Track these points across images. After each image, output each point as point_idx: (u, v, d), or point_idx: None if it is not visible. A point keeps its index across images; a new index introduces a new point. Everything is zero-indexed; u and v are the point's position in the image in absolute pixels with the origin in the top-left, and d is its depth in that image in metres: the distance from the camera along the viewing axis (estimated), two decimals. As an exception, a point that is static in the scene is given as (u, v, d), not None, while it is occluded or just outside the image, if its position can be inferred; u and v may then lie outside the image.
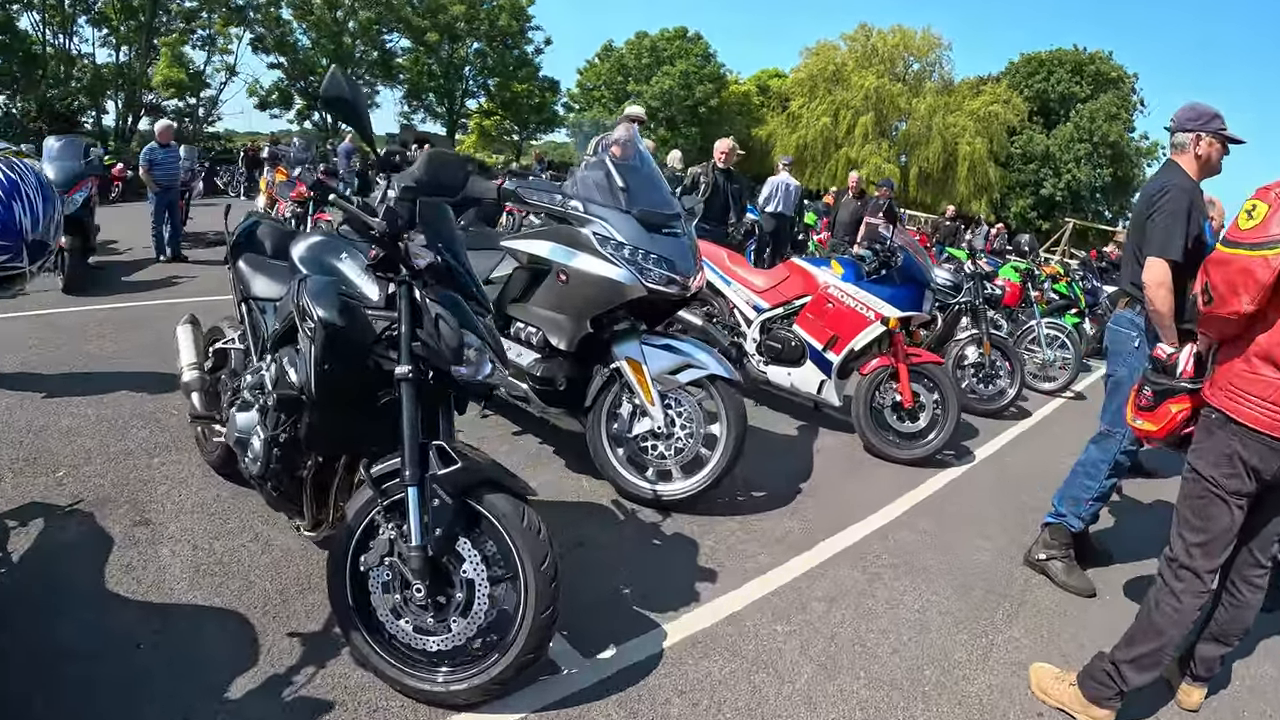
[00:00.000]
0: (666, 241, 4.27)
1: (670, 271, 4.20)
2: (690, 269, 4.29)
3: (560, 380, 4.47)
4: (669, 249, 4.25)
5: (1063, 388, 8.96)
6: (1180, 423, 3.11)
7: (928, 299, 5.76)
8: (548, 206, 4.43)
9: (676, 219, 4.41)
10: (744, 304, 6.35)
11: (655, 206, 4.36)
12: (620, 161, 4.51)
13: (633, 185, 4.34)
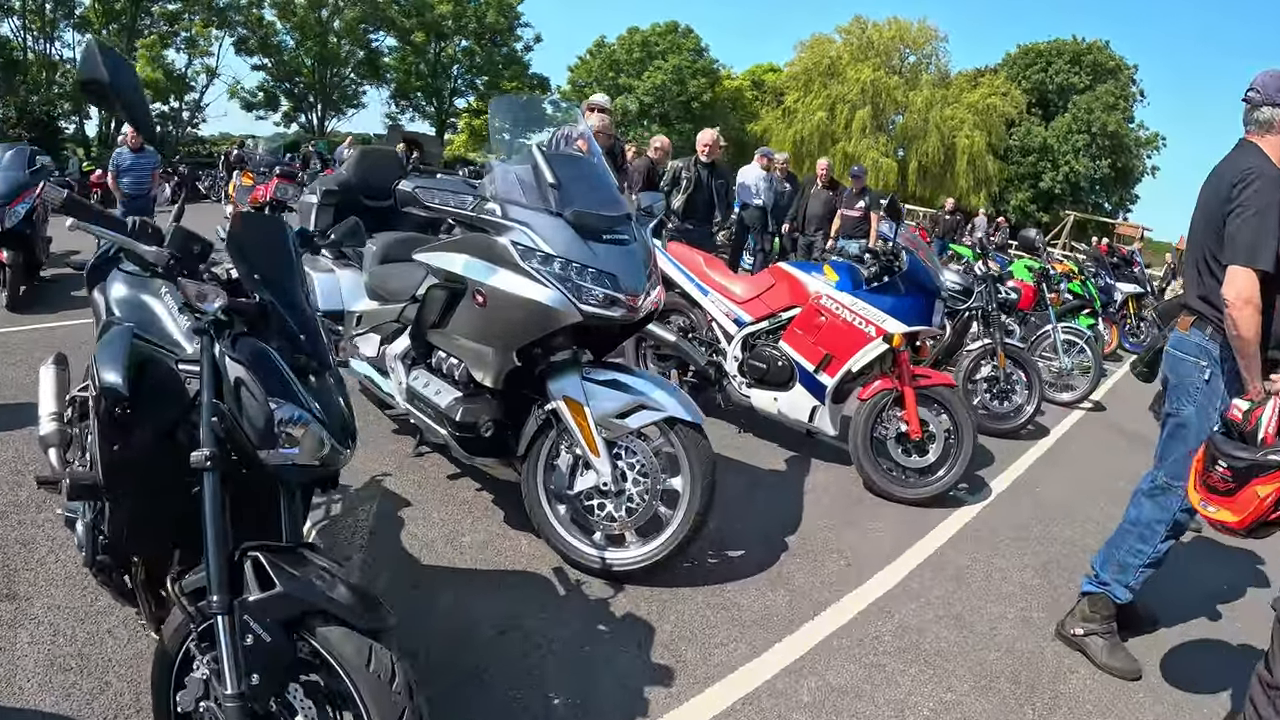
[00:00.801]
0: (609, 251, 3.40)
1: (613, 289, 3.34)
2: (639, 284, 3.43)
3: (484, 424, 3.64)
4: (612, 260, 3.38)
5: (1082, 398, 8.13)
6: (1270, 508, 2.32)
7: (938, 310, 4.92)
8: (454, 211, 3.56)
9: (624, 222, 3.55)
10: (723, 316, 5.50)
11: (595, 207, 3.49)
12: (552, 152, 3.65)
13: (567, 181, 3.47)
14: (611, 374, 3.50)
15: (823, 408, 4.98)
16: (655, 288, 3.57)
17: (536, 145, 3.53)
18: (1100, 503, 5.46)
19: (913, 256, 4.90)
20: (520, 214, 3.41)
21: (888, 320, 4.74)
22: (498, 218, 3.43)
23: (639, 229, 3.62)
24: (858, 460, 4.93)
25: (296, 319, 2.18)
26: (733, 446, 5.51)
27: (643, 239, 3.60)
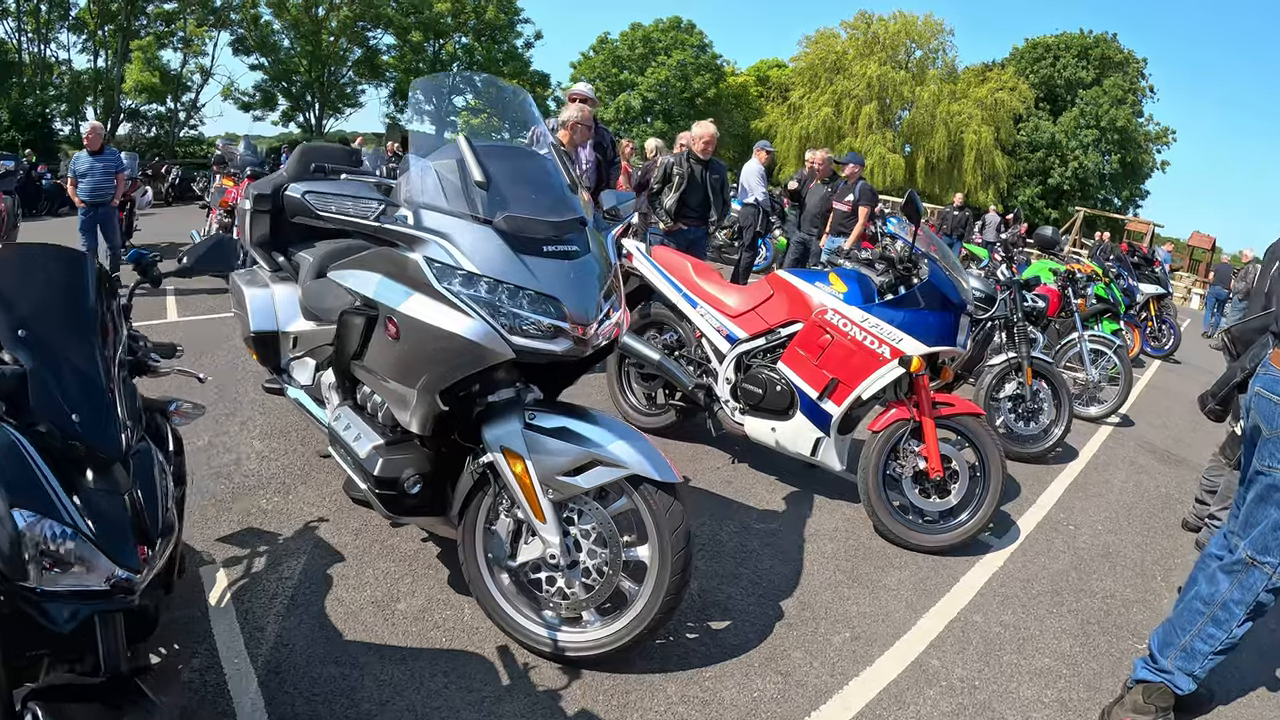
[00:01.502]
0: (551, 267, 2.71)
1: (555, 317, 2.66)
2: (588, 308, 2.74)
3: (410, 479, 2.97)
4: (554, 279, 2.69)
5: (1110, 412, 7.47)
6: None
7: (963, 327, 4.23)
8: (352, 221, 2.83)
9: (573, 230, 2.86)
10: (714, 332, 4.82)
11: (535, 211, 2.79)
12: (484, 144, 2.97)
13: (500, 179, 2.79)
14: (561, 419, 2.81)
15: (827, 440, 4.31)
16: (615, 311, 2.89)
17: (464, 136, 2.84)
18: (1139, 539, 4.89)
19: (934, 264, 4.23)
20: (437, 222, 2.72)
21: (904, 340, 4.05)
22: (408, 228, 2.74)
23: (596, 238, 2.94)
24: (868, 502, 4.25)
25: (76, 389, 1.58)
26: (723, 481, 4.85)
27: (600, 250, 2.92)
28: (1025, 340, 5.94)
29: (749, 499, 4.66)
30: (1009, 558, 4.35)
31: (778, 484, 4.91)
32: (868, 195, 9.51)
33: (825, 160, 10.30)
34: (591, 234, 2.90)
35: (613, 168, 7.45)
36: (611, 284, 2.91)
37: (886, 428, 4.20)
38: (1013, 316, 6.03)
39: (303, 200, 2.73)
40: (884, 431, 4.20)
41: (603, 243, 2.97)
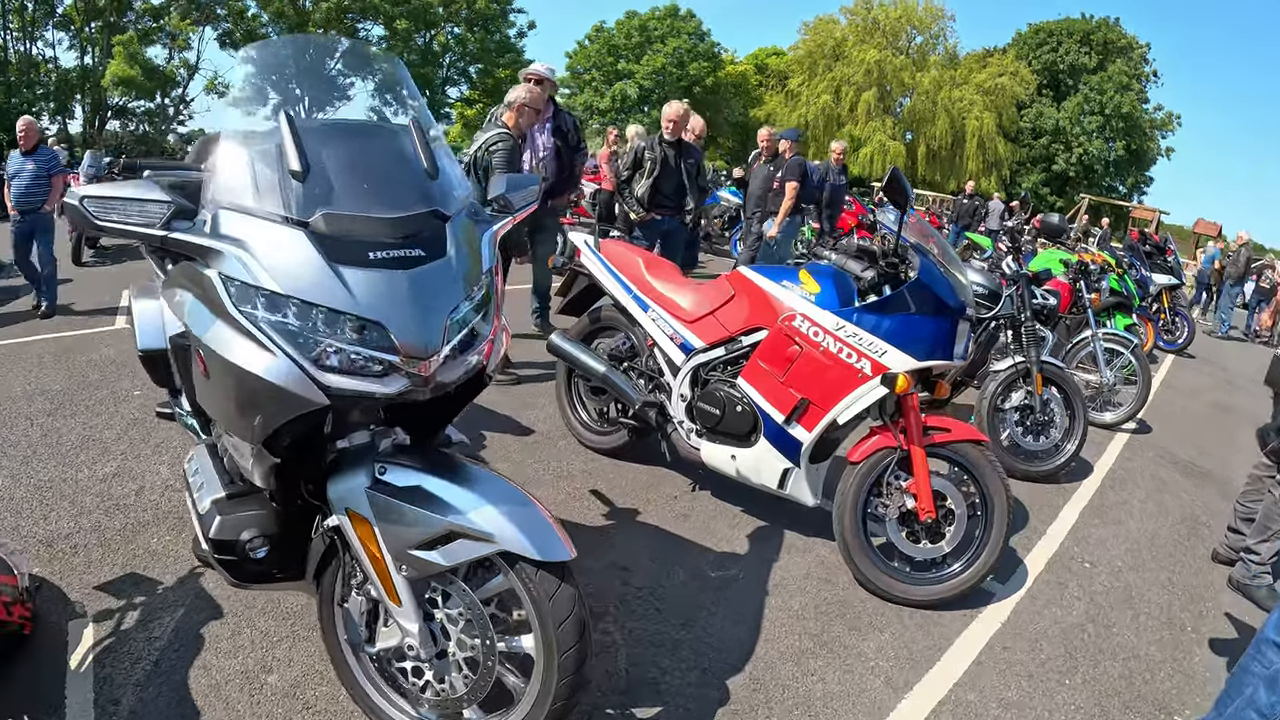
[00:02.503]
0: (375, 282, 1.98)
1: (376, 348, 1.97)
2: (426, 336, 2.01)
3: (253, 542, 2.29)
4: (377, 297, 1.97)
5: (1127, 418, 6.73)
6: None
7: (962, 335, 3.49)
8: (136, 230, 2.05)
9: (422, 226, 2.14)
10: (667, 340, 4.11)
11: (367, 206, 2.07)
12: (315, 122, 2.27)
13: (327, 165, 2.08)
14: (418, 476, 2.12)
15: (797, 471, 3.59)
16: (483, 334, 2.18)
17: (285, 111, 2.09)
18: (1164, 577, 4.21)
19: (926, 259, 3.47)
20: (237, 226, 2.00)
21: (888, 352, 3.34)
22: (201, 236, 2.02)
23: (463, 238, 2.22)
24: (845, 547, 3.54)
25: None
26: (677, 515, 4.15)
27: (466, 254, 2.20)
28: (1035, 342, 5.20)
29: (706, 537, 3.95)
30: (1014, 610, 3.64)
31: (742, 517, 4.19)
32: (794, 170, 8.69)
33: (770, 138, 9.59)
34: (455, 232, 2.17)
35: (577, 154, 6.74)
36: (483, 298, 2.19)
37: (868, 458, 3.48)
38: (1020, 315, 5.30)
39: (80, 208, 1.99)
40: (865, 463, 3.48)
41: (474, 243, 2.25)
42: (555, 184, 6.59)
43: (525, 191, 2.68)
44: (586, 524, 3.96)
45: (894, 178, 3.37)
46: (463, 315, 2.11)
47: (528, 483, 4.24)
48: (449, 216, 2.20)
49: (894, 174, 3.37)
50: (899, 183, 3.36)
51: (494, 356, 2.26)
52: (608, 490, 4.35)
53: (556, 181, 6.61)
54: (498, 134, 5.51)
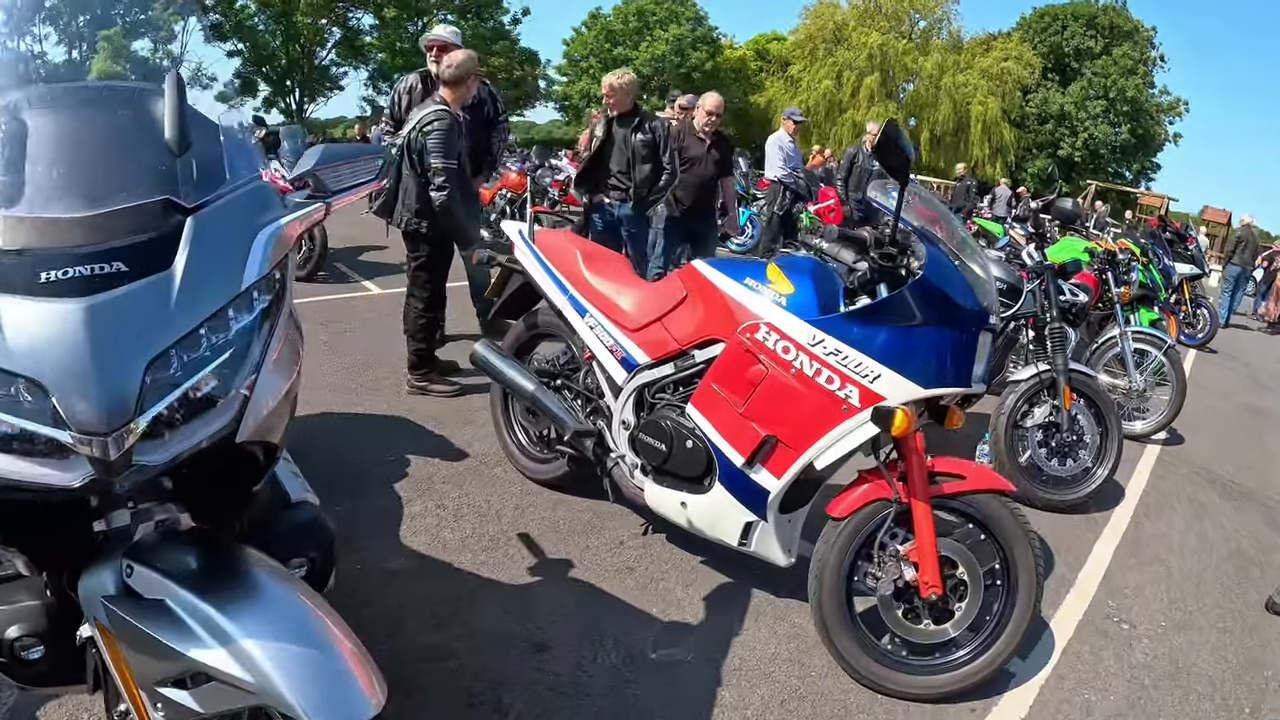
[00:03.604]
0: (44, 317, 1.25)
1: (31, 418, 1.27)
2: (108, 402, 1.27)
3: (24, 640, 1.60)
4: (40, 340, 1.24)
5: (1160, 428, 5.90)
6: None
7: (983, 350, 2.63)
8: None
9: (133, 224, 1.38)
10: (606, 353, 3.30)
11: (60, 204, 1.37)
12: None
13: (18, 142, 1.40)
14: (166, 586, 1.44)
15: (764, 526, 2.78)
16: (231, 392, 1.40)
17: None
18: (1214, 638, 3.44)
19: (935, 249, 2.57)
20: None
21: (883, 376, 2.51)
22: None
23: (214, 236, 1.45)
24: (823, 626, 2.72)
25: None
26: (620, 568, 3.35)
27: (212, 262, 1.44)
28: (1063, 348, 4.37)
29: (652, 599, 3.14)
30: (1038, 697, 2.84)
31: (700, 572, 3.37)
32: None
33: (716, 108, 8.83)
34: (198, 234, 1.39)
35: (495, 131, 5.84)
36: (243, 330, 1.41)
37: (854, 513, 2.65)
38: (1045, 315, 4.47)
39: None
40: (850, 520, 2.66)
41: (235, 248, 1.46)
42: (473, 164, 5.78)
43: (353, 166, 1.87)
44: (505, 582, 3.15)
45: (889, 135, 2.46)
46: (183, 363, 1.32)
47: (449, 521, 3.52)
48: (191, 209, 1.39)
49: (889, 129, 2.47)
50: (896, 142, 2.46)
51: (257, 415, 1.46)
52: (540, 534, 3.55)
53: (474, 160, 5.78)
54: (435, 111, 4.67)
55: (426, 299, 4.95)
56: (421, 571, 3.07)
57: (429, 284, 4.95)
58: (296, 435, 3.90)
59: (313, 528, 1.98)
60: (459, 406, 4.90)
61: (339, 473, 3.72)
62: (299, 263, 7.97)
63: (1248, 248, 14.55)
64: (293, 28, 36.69)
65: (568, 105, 45.60)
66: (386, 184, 4.70)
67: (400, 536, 3.29)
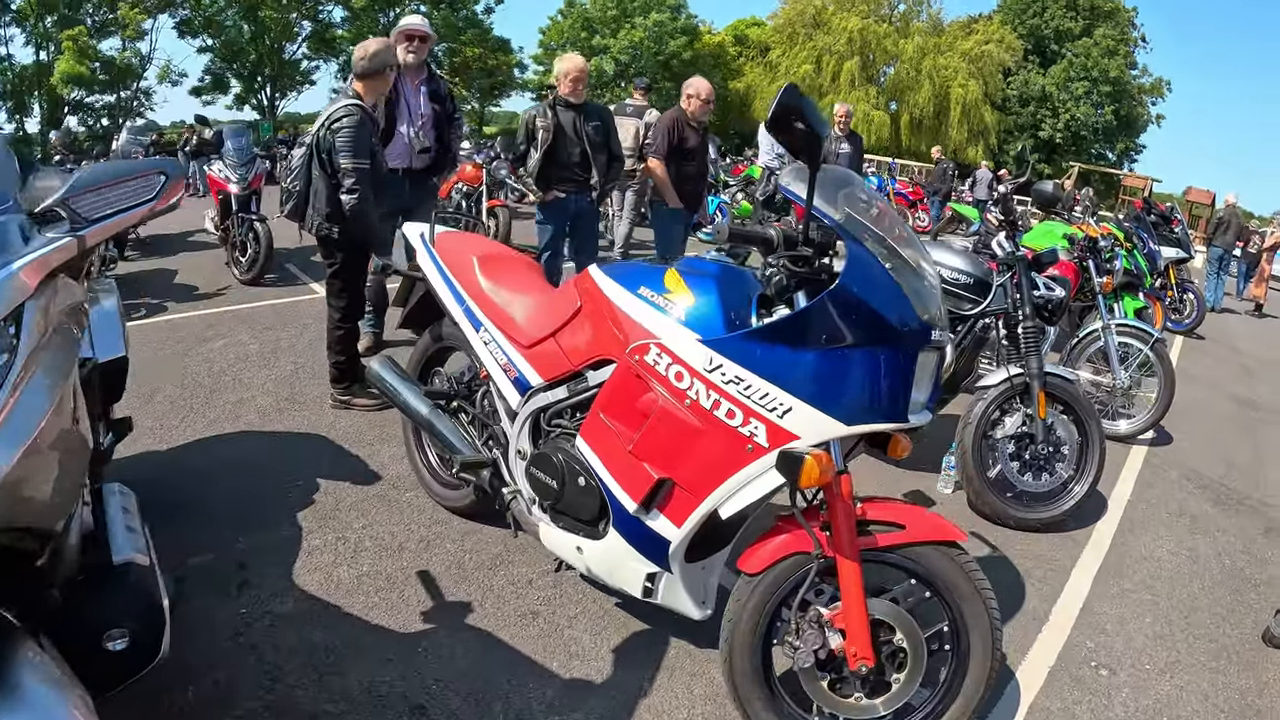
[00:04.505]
0: None
1: None
2: None
3: None
4: None
5: (1146, 428, 5.47)
6: None
7: (924, 376, 2.10)
8: None
9: None
10: (500, 372, 2.82)
11: None
12: None
13: None
14: None
15: (669, 577, 2.31)
16: None
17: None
18: (1207, 681, 3.00)
19: (859, 248, 2.01)
20: None
21: (794, 409, 2.00)
22: None
23: None
24: (737, 699, 2.25)
25: None
26: (523, 612, 2.91)
27: None
28: (1036, 349, 3.91)
29: (554, 651, 2.69)
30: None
31: (613, 616, 2.91)
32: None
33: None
34: None
35: (451, 126, 5.49)
36: None
37: (770, 568, 2.17)
38: (1017, 312, 4.01)
39: None
40: (765, 576, 2.18)
41: None
42: (433, 160, 5.36)
43: (124, 188, 1.47)
44: (395, 630, 2.75)
45: (785, 105, 1.88)
46: None
47: (348, 556, 3.15)
48: None
49: (784, 98, 1.89)
50: (796, 114, 1.88)
51: None
52: (442, 571, 3.13)
53: (435, 157, 5.36)
54: (344, 106, 4.20)
55: (344, 308, 4.55)
56: (310, 616, 2.74)
57: (344, 292, 4.52)
58: (209, 458, 3.77)
59: (135, 595, 1.79)
60: (383, 421, 4.47)
61: (245, 500, 3.47)
62: (245, 265, 7.63)
63: (1231, 228, 14.18)
64: (260, 23, 36.00)
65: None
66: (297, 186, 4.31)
67: (294, 575, 2.96)
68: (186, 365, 5.15)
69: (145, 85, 35.79)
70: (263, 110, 38.80)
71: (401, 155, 5.16)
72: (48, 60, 32.90)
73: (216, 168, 8.33)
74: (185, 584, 2.81)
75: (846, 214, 2.01)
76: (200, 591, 2.81)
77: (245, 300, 6.94)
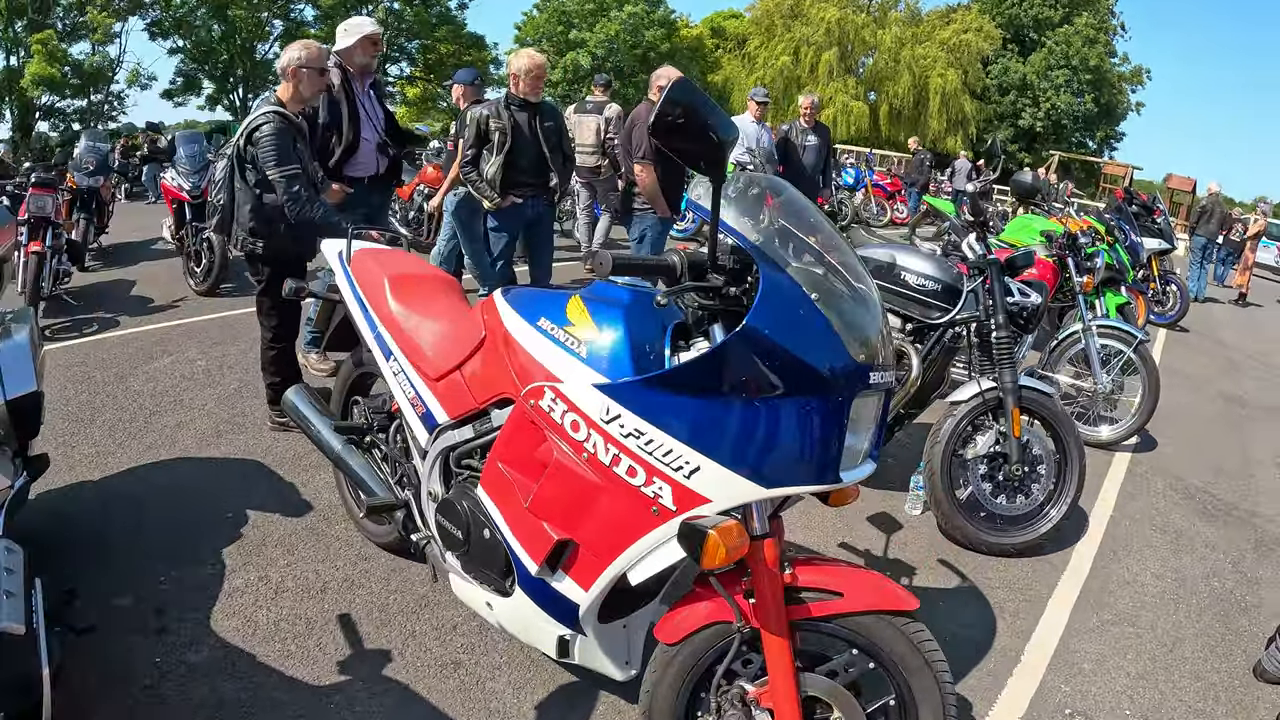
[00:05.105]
0: None
1: None
2: None
3: None
4: None
5: (1129, 434, 5.22)
6: None
7: (862, 421, 1.76)
8: None
9: None
10: (409, 406, 2.52)
11: None
12: None
13: None
14: None
15: (583, 640, 2.02)
16: None
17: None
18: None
19: (778, 278, 1.68)
20: None
21: (702, 469, 1.69)
22: None
23: None
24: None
25: None
26: (444, 663, 2.65)
27: None
28: (1010, 361, 3.62)
29: (475, 704, 2.45)
30: None
31: (539, 668, 2.64)
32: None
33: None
34: None
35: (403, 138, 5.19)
36: None
37: (688, 638, 1.88)
38: (989, 320, 3.71)
39: None
40: (684, 647, 1.89)
41: None
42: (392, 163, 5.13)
43: None
44: (307, 683, 2.52)
45: (674, 99, 1.57)
46: None
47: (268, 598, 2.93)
48: None
49: (673, 92, 1.57)
50: (689, 109, 1.57)
51: None
52: (364, 614, 2.88)
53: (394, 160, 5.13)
54: (262, 115, 3.88)
55: (275, 327, 4.25)
56: (223, 665, 2.56)
57: (275, 310, 4.22)
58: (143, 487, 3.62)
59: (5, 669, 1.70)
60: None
61: (175, 532, 3.30)
62: (200, 276, 7.34)
63: (1214, 217, 13.99)
64: (231, 22, 35.58)
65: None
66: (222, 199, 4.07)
67: (213, 618, 2.78)
68: (129, 385, 4.90)
69: (117, 89, 35.37)
70: (235, 110, 38.37)
71: (368, 163, 4.87)
72: (18, 65, 32.46)
73: (169, 175, 8.03)
74: (105, 627, 2.60)
75: (769, 232, 1.71)
76: (119, 636, 2.63)
77: (199, 313, 6.69)
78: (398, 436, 2.81)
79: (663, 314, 1.89)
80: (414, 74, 40.97)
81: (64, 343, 5.66)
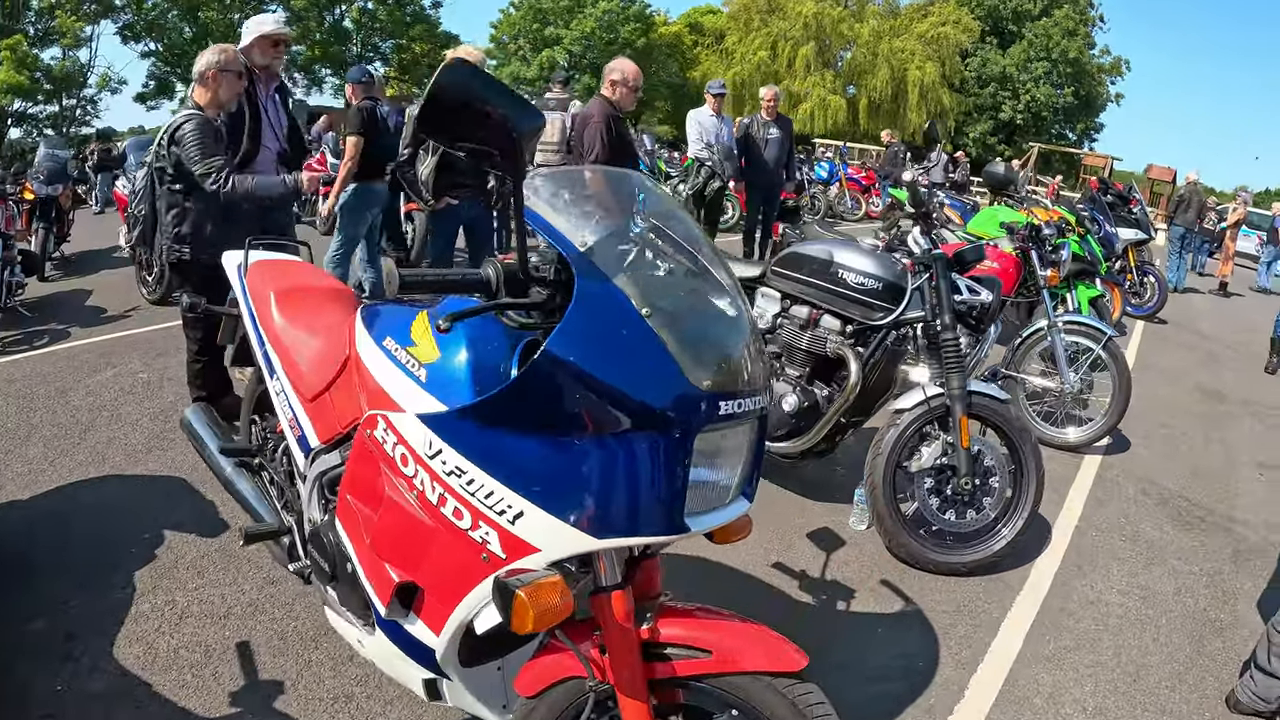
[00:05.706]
0: None
1: None
2: None
3: None
4: None
5: (1098, 436, 5.00)
6: None
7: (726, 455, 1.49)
8: None
9: None
10: (288, 428, 2.31)
11: None
12: None
13: None
14: None
15: (450, 684, 1.78)
16: None
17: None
18: None
19: (596, 290, 1.40)
20: None
21: (525, 514, 1.42)
22: None
23: None
24: None
25: None
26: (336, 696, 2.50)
27: None
28: (958, 365, 3.36)
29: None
30: None
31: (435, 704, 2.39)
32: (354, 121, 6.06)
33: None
34: None
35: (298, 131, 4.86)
36: None
37: (542, 694, 1.63)
38: (935, 321, 3.46)
39: None
40: (542, 702, 1.64)
41: None
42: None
43: None
44: (199, 715, 2.39)
45: (445, 83, 1.31)
46: None
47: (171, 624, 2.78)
48: None
49: (444, 74, 1.31)
50: (466, 92, 1.33)
51: None
52: (263, 642, 2.73)
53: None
54: (182, 116, 3.75)
55: (199, 339, 4.05)
56: (120, 695, 2.45)
57: (199, 323, 3.97)
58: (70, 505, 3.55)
59: None
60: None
61: (93, 553, 3.20)
62: (151, 285, 7.12)
63: (1192, 206, 13.86)
64: (202, 25, 35.21)
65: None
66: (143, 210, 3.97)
67: (116, 645, 2.67)
68: (69, 400, 4.73)
69: (89, 93, 34.97)
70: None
71: (266, 172, 4.58)
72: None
73: (121, 183, 7.82)
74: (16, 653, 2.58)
75: (602, 235, 1.46)
76: (25, 664, 2.55)
77: (149, 322, 6.51)
78: (284, 459, 2.57)
79: (500, 339, 1.61)
80: (388, 74, 40.63)
81: (13, 356, 5.52)
